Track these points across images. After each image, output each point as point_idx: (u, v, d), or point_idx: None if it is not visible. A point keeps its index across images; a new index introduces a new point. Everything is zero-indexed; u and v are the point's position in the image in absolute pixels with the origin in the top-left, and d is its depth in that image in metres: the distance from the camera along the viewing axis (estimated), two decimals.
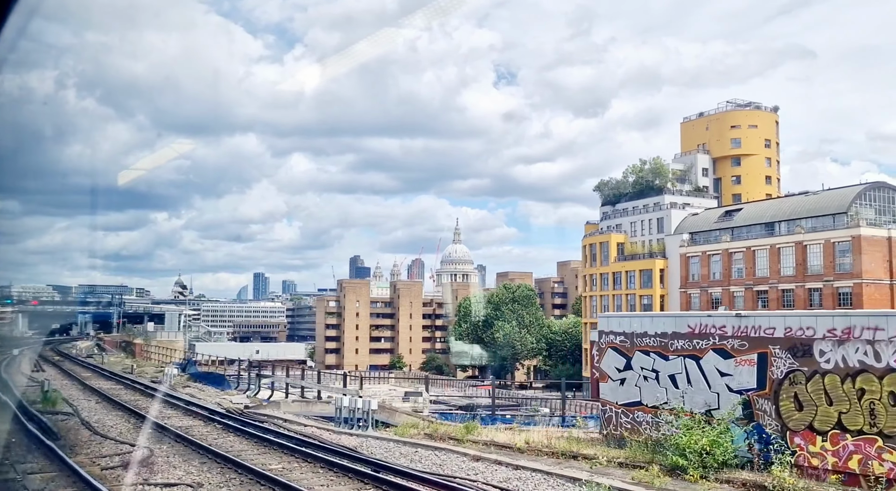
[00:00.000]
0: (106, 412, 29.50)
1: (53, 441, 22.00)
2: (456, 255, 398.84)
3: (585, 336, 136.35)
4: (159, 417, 27.75)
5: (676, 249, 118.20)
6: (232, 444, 22.02)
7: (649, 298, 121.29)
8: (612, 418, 22.07)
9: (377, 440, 22.08)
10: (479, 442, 22.90)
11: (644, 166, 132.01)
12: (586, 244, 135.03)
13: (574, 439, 22.49)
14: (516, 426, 27.39)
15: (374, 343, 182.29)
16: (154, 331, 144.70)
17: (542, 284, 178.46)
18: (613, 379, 22.17)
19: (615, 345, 22.11)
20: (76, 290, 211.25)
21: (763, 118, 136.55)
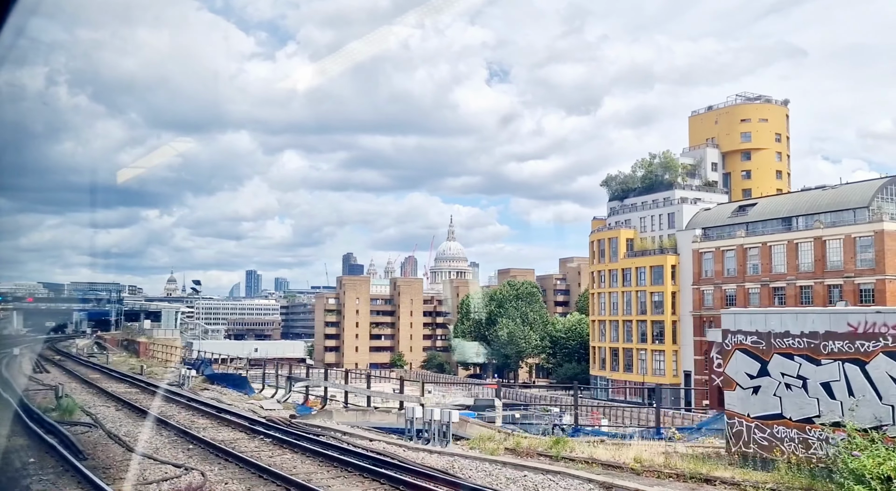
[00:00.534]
0: (131, 422, 25.97)
1: (81, 461, 18.52)
2: (450, 252, 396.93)
3: (593, 334, 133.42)
4: (193, 428, 24.27)
5: (688, 245, 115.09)
6: (295, 464, 18.55)
7: (660, 295, 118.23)
8: (741, 433, 18.70)
9: (466, 460, 18.65)
10: (578, 459, 19.51)
11: (653, 160, 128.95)
12: (594, 240, 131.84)
13: (695, 457, 19.09)
14: (605, 439, 23.96)
15: (374, 341, 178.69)
16: (150, 329, 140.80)
17: (543, 281, 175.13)
18: (743, 387, 18.78)
19: (745, 347, 18.73)
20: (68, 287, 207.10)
21: (773, 112, 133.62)
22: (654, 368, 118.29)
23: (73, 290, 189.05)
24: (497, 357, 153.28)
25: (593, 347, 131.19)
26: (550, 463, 19.23)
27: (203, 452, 20.25)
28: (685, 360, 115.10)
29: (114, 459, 19.16)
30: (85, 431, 23.65)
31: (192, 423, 25.71)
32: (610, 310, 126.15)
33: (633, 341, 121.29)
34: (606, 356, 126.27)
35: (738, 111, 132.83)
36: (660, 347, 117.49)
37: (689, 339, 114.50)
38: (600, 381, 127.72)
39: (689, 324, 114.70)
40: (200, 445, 21.21)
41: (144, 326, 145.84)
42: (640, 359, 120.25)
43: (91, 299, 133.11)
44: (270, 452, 20.31)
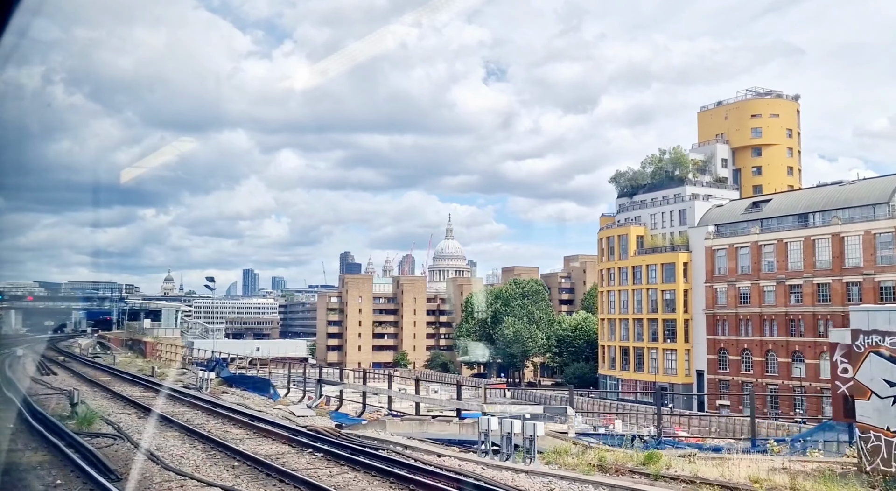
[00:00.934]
0: (157, 431, 23.34)
1: (114, 482, 15.91)
2: (449, 250, 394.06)
3: (601, 333, 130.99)
4: (229, 439, 21.65)
5: (701, 242, 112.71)
6: (363, 486, 15.92)
7: (672, 293, 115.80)
8: (879, 449, 16.14)
9: (563, 481, 16.04)
10: (681, 478, 16.93)
11: (663, 156, 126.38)
12: (602, 237, 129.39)
13: (822, 477, 16.51)
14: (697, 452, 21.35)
15: (376, 340, 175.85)
16: (151, 328, 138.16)
17: (548, 280, 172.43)
18: (881, 396, 16.21)
19: (883, 349, 16.17)
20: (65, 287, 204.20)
21: (784, 107, 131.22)
22: (665, 367, 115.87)
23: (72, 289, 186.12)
24: (503, 356, 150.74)
25: (602, 345, 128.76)
26: (652, 483, 16.66)
27: (250, 470, 17.62)
28: (698, 359, 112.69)
29: (151, 479, 16.53)
30: (109, 443, 21.02)
31: (225, 433, 23.08)
32: (620, 308, 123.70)
33: (644, 340, 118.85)
34: (616, 355, 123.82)
35: (749, 106, 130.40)
36: (672, 345, 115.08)
37: (701, 337, 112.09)
38: (610, 380, 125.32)
39: (701, 322, 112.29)
40: (244, 460, 18.58)
41: (144, 326, 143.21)
42: (652, 358, 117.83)
43: (91, 298, 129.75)
44: (328, 470, 17.67)
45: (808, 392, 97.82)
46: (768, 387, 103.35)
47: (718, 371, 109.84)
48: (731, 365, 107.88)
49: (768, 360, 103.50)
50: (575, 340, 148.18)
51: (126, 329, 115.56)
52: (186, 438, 21.94)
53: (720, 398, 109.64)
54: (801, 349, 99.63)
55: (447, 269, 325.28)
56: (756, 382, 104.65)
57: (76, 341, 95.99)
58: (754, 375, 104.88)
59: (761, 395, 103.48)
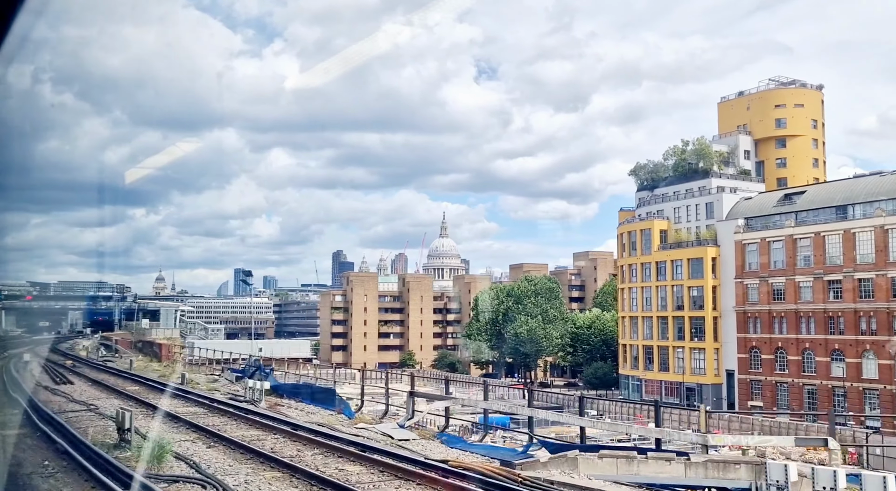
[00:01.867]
0: (251, 470, 17.21)
1: None
2: (443, 249, 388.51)
3: (622, 331, 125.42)
4: (357, 485, 15.58)
5: (730, 236, 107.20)
6: None
7: (699, 290, 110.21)
8: None
9: None
10: None
11: (686, 147, 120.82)
12: (622, 232, 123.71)
13: None
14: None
15: (382, 339, 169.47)
16: (149, 328, 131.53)
17: (557, 277, 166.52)
18: None
19: None
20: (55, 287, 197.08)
21: (809, 97, 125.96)
22: (693, 366, 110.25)
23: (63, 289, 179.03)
24: (515, 355, 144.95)
25: (623, 344, 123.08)
26: None
27: None
28: (727, 358, 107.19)
29: None
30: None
31: (343, 473, 16.97)
32: (643, 305, 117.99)
33: (668, 339, 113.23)
34: (639, 354, 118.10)
35: (772, 96, 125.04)
36: (699, 344, 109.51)
37: (731, 336, 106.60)
38: (632, 380, 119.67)
39: (731, 320, 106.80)
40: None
41: (143, 325, 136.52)
42: (678, 357, 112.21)
43: (90, 297, 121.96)
44: None
45: (849, 392, 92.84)
46: (805, 387, 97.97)
47: (750, 371, 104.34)
48: (764, 364, 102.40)
49: (805, 358, 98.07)
50: (589, 338, 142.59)
51: (136, 330, 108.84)
52: (299, 483, 15.83)
53: (751, 398, 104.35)
54: (841, 348, 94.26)
55: (442, 267, 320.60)
56: (792, 382, 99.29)
57: (77, 343, 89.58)
58: (790, 374, 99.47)
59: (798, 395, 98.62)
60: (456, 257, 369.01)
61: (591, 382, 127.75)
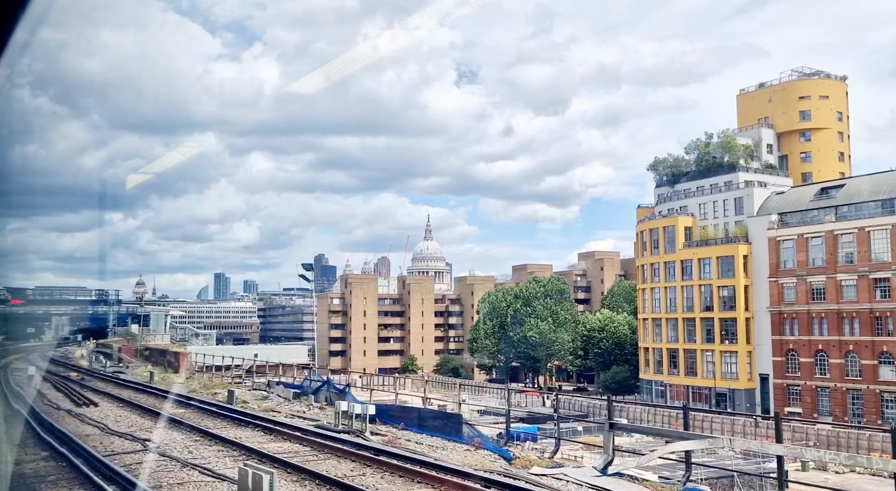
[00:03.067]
0: None
1: None
2: (428, 252, 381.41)
3: (642, 334, 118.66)
4: None
5: (763, 233, 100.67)
6: None
7: (730, 289, 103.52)
8: None
9: None
10: None
11: (710, 141, 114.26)
12: (643, 230, 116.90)
13: None
14: None
15: (382, 344, 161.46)
16: (139, 333, 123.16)
17: (563, 277, 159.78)
18: None
19: None
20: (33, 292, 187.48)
21: (834, 88, 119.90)
22: (723, 370, 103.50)
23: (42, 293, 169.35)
24: (525, 360, 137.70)
25: (644, 347, 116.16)
26: None
27: None
28: (761, 361, 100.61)
29: None
30: None
31: None
32: (666, 306, 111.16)
33: (696, 341, 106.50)
34: (663, 358, 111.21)
35: (796, 88, 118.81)
36: (731, 347, 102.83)
37: (765, 338, 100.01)
38: (655, 385, 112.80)
39: (765, 321, 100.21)
40: None
41: (132, 330, 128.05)
42: (707, 361, 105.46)
43: (81, 301, 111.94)
44: None
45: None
46: (848, 392, 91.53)
47: (786, 375, 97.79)
48: (803, 368, 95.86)
49: (849, 362, 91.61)
50: (601, 341, 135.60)
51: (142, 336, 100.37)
52: None
53: (788, 404, 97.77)
54: (889, 350, 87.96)
55: (426, 270, 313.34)
56: (834, 386, 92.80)
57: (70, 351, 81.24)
58: (831, 378, 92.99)
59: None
60: (441, 260, 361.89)
61: (609, 388, 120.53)
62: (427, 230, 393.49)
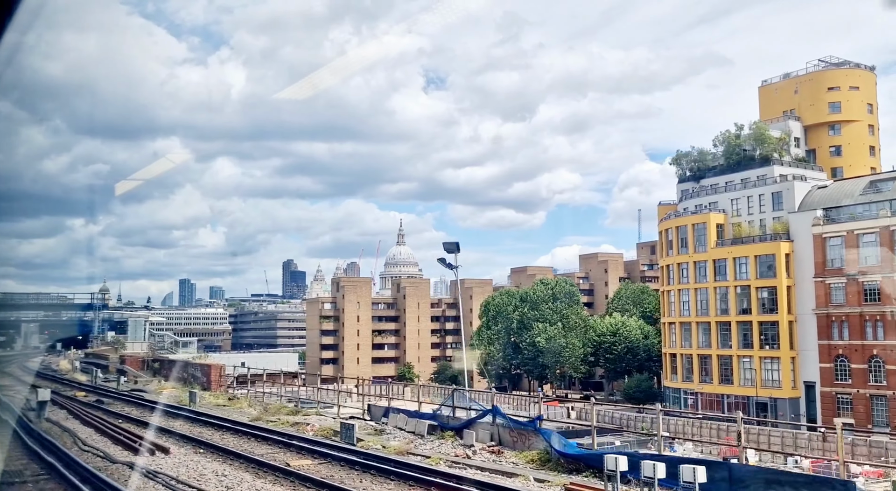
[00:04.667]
0: None
1: None
2: (400, 256, 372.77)
3: (666, 339, 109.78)
4: None
5: (807, 229, 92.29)
6: None
7: (770, 291, 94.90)
8: None
9: None
10: None
11: (740, 132, 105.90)
12: (667, 228, 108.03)
13: None
14: None
15: (376, 351, 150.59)
16: (115, 341, 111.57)
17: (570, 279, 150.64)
18: None
19: None
20: None
21: (864, 78, 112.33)
22: (764, 378, 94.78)
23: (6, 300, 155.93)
24: (533, 366, 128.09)
25: (670, 354, 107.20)
26: None
27: None
28: (806, 368, 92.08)
29: None
30: None
31: None
32: (697, 309, 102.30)
33: (731, 347, 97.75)
34: (693, 365, 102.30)
35: (825, 78, 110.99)
36: (772, 353, 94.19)
37: (811, 343, 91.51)
38: (684, 394, 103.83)
39: (810, 324, 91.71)
40: None
41: (107, 338, 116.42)
42: (745, 368, 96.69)
43: (61, 306, 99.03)
44: None
45: None
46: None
47: (835, 383, 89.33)
48: (855, 375, 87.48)
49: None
50: (612, 346, 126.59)
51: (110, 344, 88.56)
52: None
53: (837, 414, 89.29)
54: None
55: (399, 275, 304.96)
56: (892, 394, 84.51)
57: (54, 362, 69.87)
58: (889, 386, 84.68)
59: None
60: (414, 265, 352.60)
61: (633, 397, 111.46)
62: (399, 235, 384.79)
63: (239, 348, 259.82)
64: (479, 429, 22.08)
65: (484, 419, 22.35)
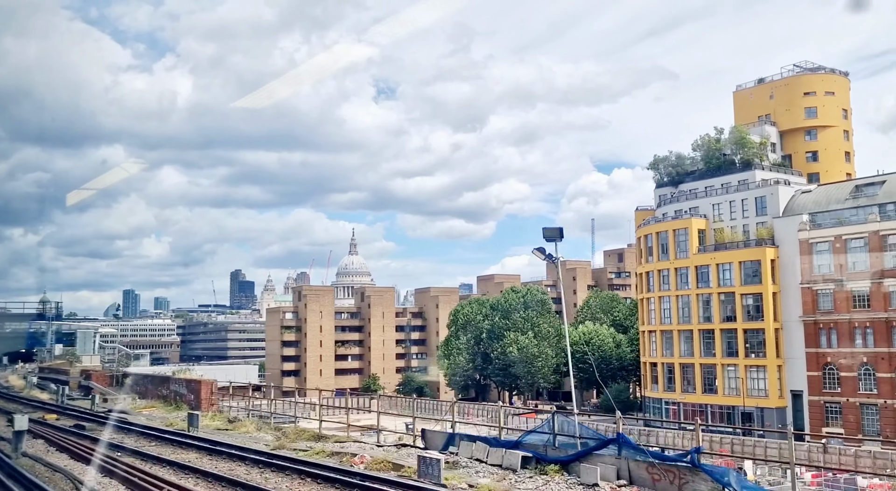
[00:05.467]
0: None
1: None
2: (353, 266, 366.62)
3: (644, 347, 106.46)
4: None
5: (792, 235, 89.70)
6: None
7: (756, 297, 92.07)
8: None
9: None
10: None
11: (720, 136, 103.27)
12: (647, 234, 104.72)
13: None
14: None
15: (339, 362, 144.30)
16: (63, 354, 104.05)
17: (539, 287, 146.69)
18: None
19: None
20: None
21: (839, 83, 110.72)
22: (749, 387, 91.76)
23: None
24: (504, 377, 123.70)
25: (650, 362, 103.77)
26: None
27: None
28: (793, 377, 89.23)
29: None
30: None
31: None
32: (679, 317, 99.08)
33: (715, 355, 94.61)
34: (675, 374, 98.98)
35: (800, 83, 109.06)
36: (758, 361, 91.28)
37: (798, 350, 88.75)
38: (665, 404, 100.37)
39: (797, 332, 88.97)
40: None
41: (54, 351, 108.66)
42: (729, 376, 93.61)
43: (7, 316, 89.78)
44: None
45: None
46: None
47: (824, 391, 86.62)
48: (844, 383, 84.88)
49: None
50: (584, 356, 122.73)
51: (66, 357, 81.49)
52: None
53: (826, 424, 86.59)
54: None
55: (352, 285, 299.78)
56: (884, 403, 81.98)
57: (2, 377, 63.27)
58: (880, 395, 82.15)
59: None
60: (367, 275, 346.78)
61: (609, 408, 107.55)
62: (352, 244, 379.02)
63: (188, 361, 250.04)
64: (599, 462, 17.33)
65: (602, 449, 17.59)
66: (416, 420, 31.20)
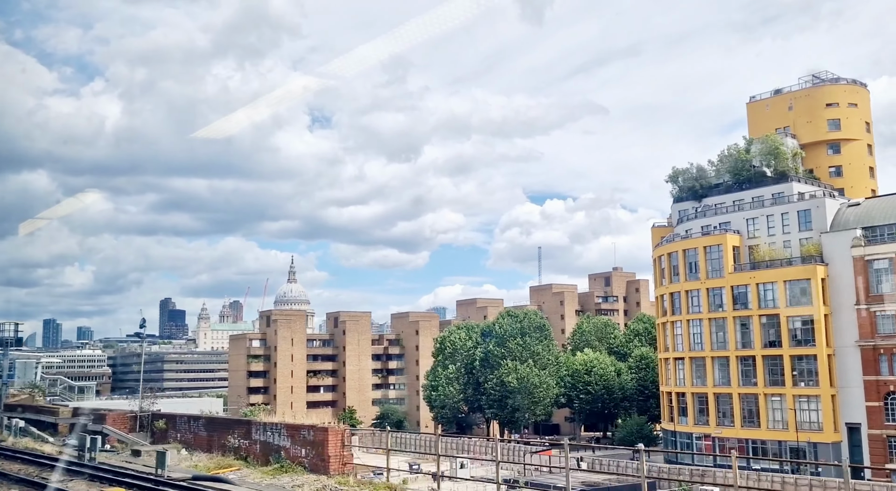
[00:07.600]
0: None
1: None
2: (292, 294, 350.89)
3: (664, 376, 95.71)
4: None
5: (844, 251, 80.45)
6: None
7: (805, 320, 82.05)
8: None
9: None
10: None
11: (750, 146, 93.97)
12: (668, 252, 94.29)
13: None
14: None
15: (311, 394, 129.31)
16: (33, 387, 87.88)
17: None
18: None
19: None
20: None
21: (861, 95, 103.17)
22: (799, 419, 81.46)
23: None
24: (500, 409, 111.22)
25: (675, 392, 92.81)
26: None
27: None
28: (848, 407, 79.36)
29: None
30: None
31: None
32: (712, 343, 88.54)
33: (757, 384, 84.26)
34: (708, 405, 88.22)
35: (822, 94, 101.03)
36: (808, 390, 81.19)
37: (853, 379, 79.04)
38: (697, 439, 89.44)
39: (852, 358, 79.35)
40: None
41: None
42: (774, 408, 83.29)
43: None
44: None
45: None
46: None
47: (886, 424, 76.91)
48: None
49: None
50: (587, 385, 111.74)
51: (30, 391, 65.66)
52: None
53: (890, 459, 76.84)
54: None
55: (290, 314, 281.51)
56: None
57: None
58: None
59: None
60: (306, 303, 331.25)
61: (628, 442, 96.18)
62: (291, 272, 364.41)
63: (121, 392, 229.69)
64: None
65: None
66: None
